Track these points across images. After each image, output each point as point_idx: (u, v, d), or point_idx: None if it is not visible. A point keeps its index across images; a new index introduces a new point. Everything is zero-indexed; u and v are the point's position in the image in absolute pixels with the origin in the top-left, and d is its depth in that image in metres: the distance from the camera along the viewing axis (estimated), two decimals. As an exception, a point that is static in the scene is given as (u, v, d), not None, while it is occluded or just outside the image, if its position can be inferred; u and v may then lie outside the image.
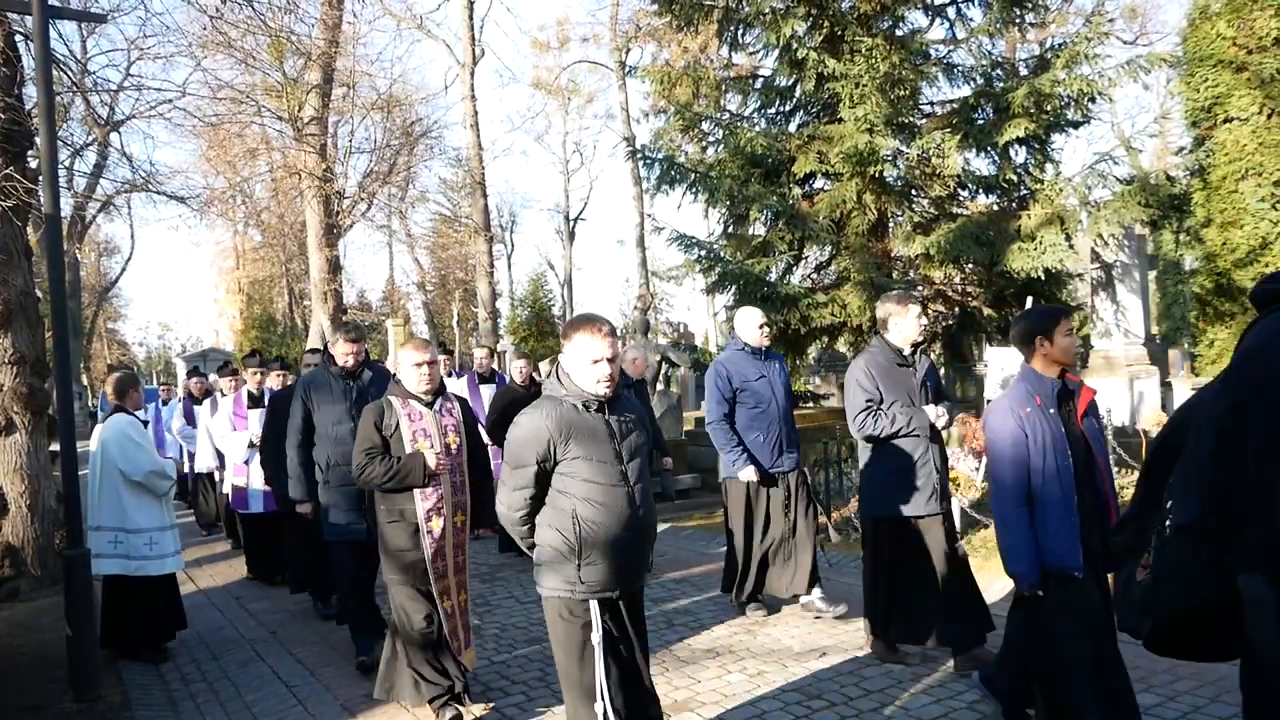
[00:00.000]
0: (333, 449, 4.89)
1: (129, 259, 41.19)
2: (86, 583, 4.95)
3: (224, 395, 8.51)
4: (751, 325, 5.30)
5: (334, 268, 17.11)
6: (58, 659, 4.96)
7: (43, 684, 4.93)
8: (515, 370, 7.45)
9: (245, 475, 7.34)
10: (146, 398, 15.08)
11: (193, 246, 51.86)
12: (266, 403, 7.06)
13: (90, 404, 29.97)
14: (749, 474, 5.10)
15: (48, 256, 5.21)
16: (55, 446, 7.42)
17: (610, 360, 2.96)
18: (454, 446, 4.15)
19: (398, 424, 4.06)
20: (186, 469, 10.77)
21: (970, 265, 9.48)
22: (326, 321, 16.69)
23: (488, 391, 8.42)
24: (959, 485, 7.14)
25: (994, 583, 5.42)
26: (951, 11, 10.24)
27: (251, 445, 7.23)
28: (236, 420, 7.57)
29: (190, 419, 10.19)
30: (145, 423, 6.18)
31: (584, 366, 2.96)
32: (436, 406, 4.16)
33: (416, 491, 4.01)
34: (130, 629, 5.51)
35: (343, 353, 5.02)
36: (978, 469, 7.80)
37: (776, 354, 5.49)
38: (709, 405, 5.29)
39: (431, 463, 4.00)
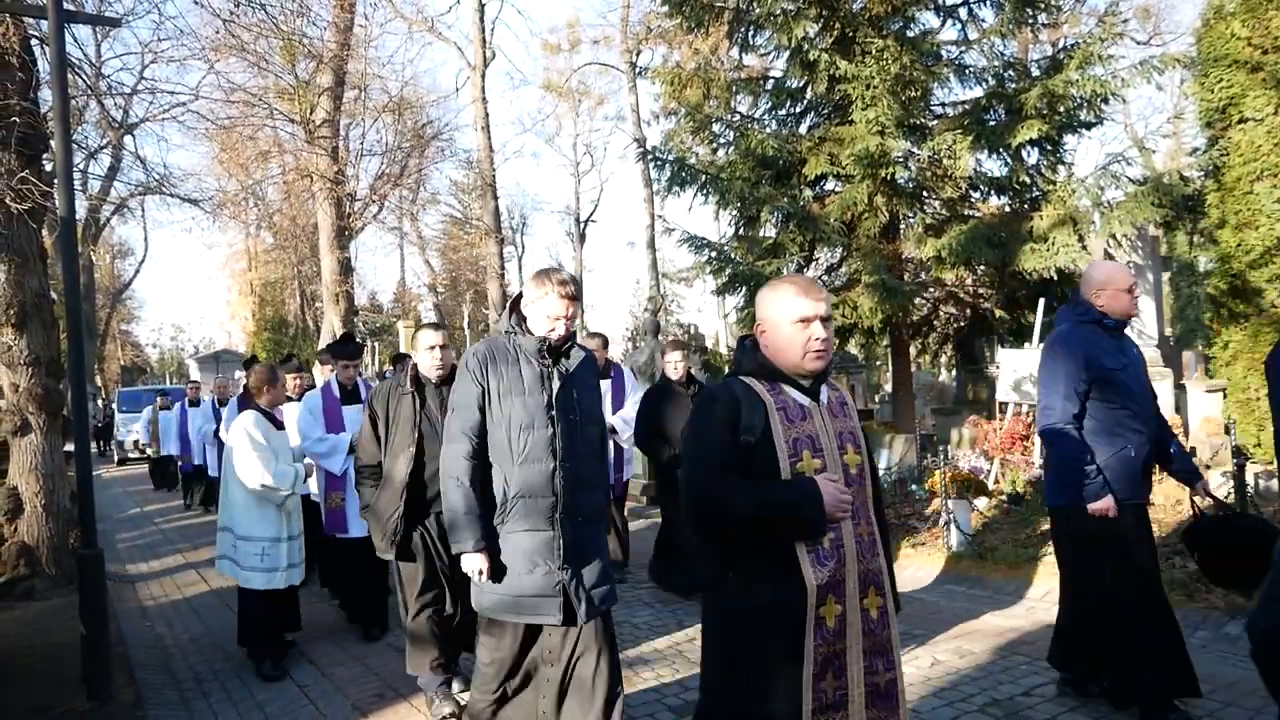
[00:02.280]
0: (519, 469, 3.14)
1: (142, 261, 41.48)
2: (100, 582, 4.99)
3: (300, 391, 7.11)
4: (1117, 283, 3.75)
5: (345, 269, 17.19)
6: (72, 658, 4.99)
7: (57, 683, 4.96)
8: (670, 366, 6.08)
9: (343, 489, 5.77)
10: (173, 397, 15.20)
11: (205, 249, 52.01)
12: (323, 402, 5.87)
13: (103, 404, 30.14)
14: (1106, 504, 3.56)
15: (62, 258, 5.26)
16: (70, 447, 7.48)
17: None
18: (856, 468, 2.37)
19: (766, 424, 2.27)
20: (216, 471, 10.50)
21: (982, 267, 9.44)
22: (338, 323, 16.77)
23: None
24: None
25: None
26: (963, 12, 10.21)
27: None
28: (328, 420, 5.86)
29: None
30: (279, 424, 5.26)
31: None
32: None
33: (803, 549, 2.22)
34: (252, 632, 5.28)
35: (551, 313, 3.15)
36: (988, 471, 7.77)
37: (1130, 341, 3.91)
38: (1052, 400, 3.68)
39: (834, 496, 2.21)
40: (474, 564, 3.17)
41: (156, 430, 15.46)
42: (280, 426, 5.32)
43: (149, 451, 17.19)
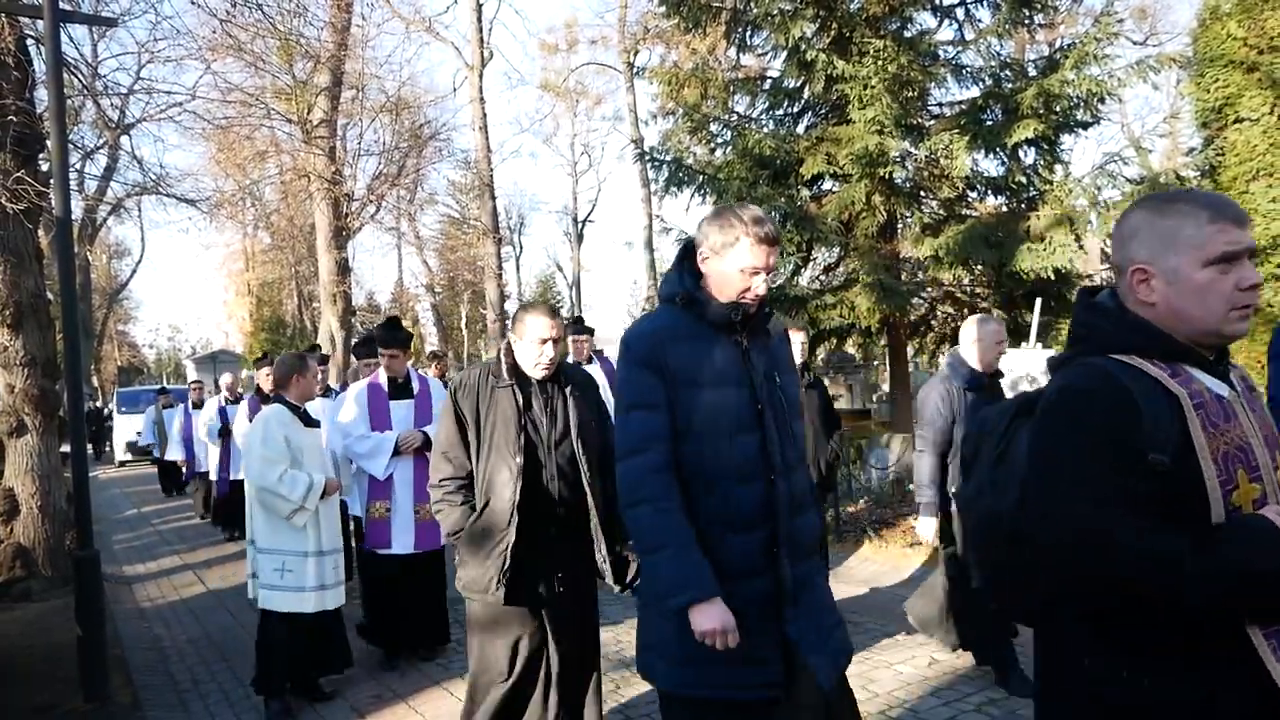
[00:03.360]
0: (713, 492, 2.33)
1: (139, 261, 41.36)
2: (96, 584, 4.97)
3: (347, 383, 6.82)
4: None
5: (343, 270, 17.17)
6: (69, 659, 4.98)
7: (53, 684, 4.95)
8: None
9: (388, 496, 5.01)
10: (176, 397, 14.80)
11: (202, 249, 51.99)
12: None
13: (93, 405, 30.05)
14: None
15: (58, 259, 5.24)
16: (66, 448, 7.46)
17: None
18: None
19: (1183, 433, 1.79)
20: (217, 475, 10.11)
21: (979, 266, 9.44)
22: (335, 323, 16.75)
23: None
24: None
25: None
26: (960, 12, 10.21)
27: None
28: (373, 416, 5.10)
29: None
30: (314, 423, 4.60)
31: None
32: None
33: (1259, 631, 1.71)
34: (268, 670, 4.45)
35: (746, 265, 2.33)
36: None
37: None
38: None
39: None
40: (710, 621, 2.12)
41: (162, 430, 14.55)
42: (311, 424, 4.59)
43: (155, 453, 15.96)
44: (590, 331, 7.86)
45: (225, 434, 9.63)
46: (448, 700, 4.48)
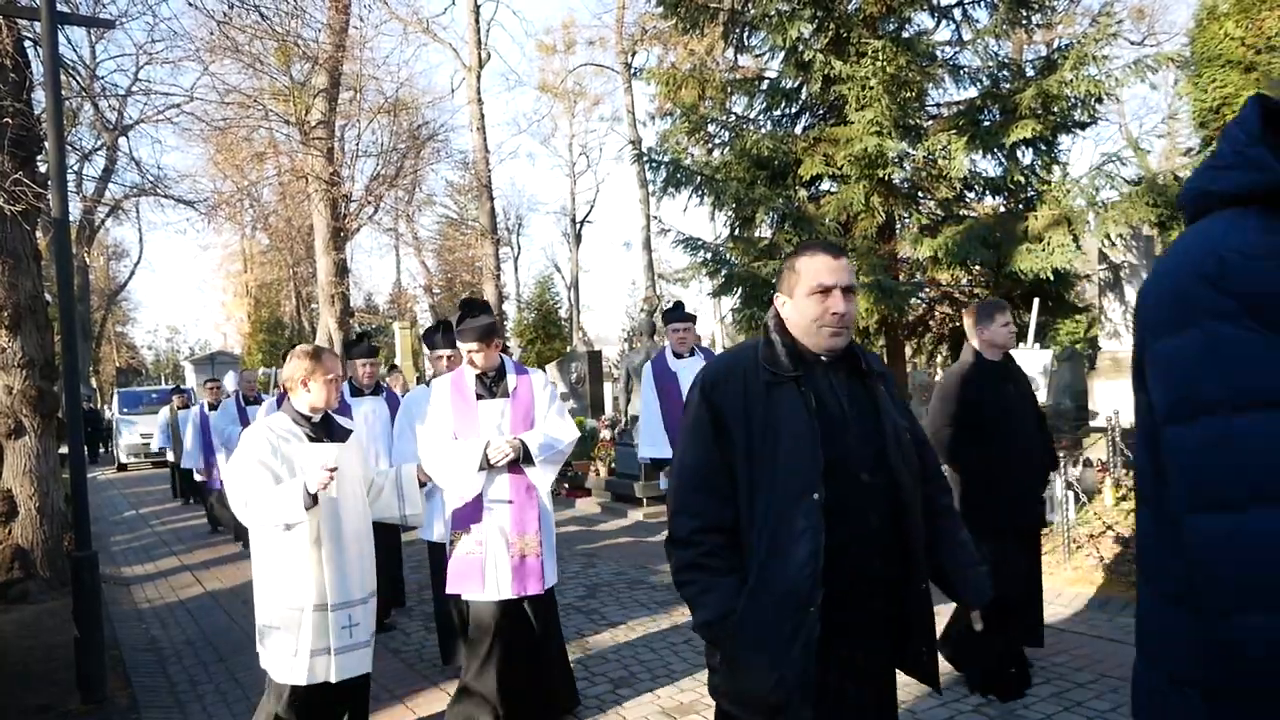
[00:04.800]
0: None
1: (137, 263, 41.29)
2: (94, 585, 4.97)
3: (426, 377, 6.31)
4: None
5: (341, 271, 17.15)
6: (66, 661, 4.97)
7: (51, 685, 4.94)
8: (1000, 329, 4.61)
9: (469, 525, 3.93)
10: (187, 396, 14.33)
11: (200, 250, 51.94)
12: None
13: (89, 406, 30.03)
14: None
15: (56, 260, 5.24)
16: (64, 449, 7.45)
17: None
18: None
19: None
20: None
21: (977, 267, 9.44)
22: (333, 324, 16.73)
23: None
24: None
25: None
26: (958, 13, 10.21)
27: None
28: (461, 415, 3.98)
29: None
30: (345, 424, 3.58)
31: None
32: None
33: None
34: None
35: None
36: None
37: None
38: None
39: None
40: None
41: (176, 433, 13.12)
42: (334, 434, 3.54)
43: (168, 457, 14.61)
44: (692, 319, 6.83)
45: None
46: (444, 701, 4.47)
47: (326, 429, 3.53)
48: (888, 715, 2.26)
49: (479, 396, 3.99)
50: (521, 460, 3.88)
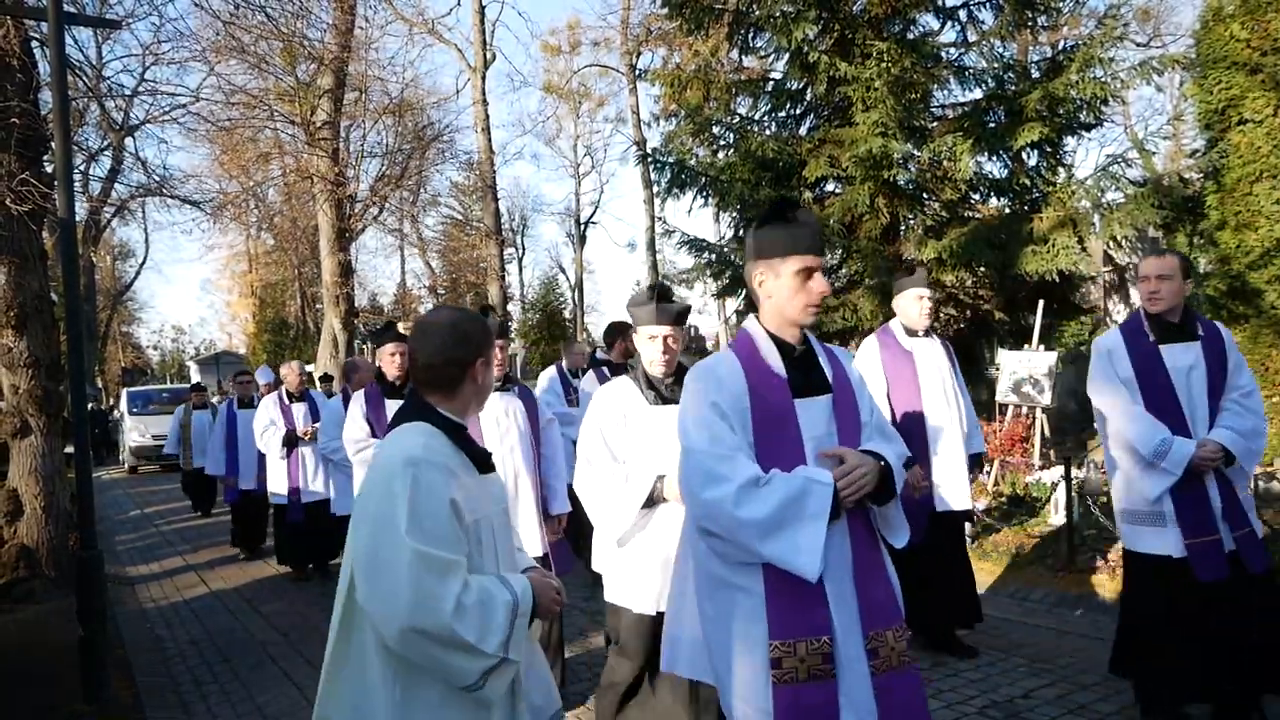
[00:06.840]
0: None
1: (143, 263, 41.27)
2: (99, 584, 4.98)
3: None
4: None
5: (346, 271, 17.19)
6: (71, 660, 4.98)
7: (56, 685, 4.96)
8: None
9: None
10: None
11: (206, 250, 52.08)
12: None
13: (93, 408, 30.07)
14: None
15: (63, 260, 5.26)
16: (70, 449, 7.48)
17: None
18: None
19: None
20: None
21: (982, 269, 9.43)
22: (338, 325, 16.77)
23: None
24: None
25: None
26: (963, 14, 10.19)
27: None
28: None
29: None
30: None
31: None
32: None
33: None
34: None
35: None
36: (988, 473, 7.77)
37: None
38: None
39: None
40: None
41: (188, 436, 12.42)
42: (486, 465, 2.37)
43: (180, 463, 13.13)
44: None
45: (290, 443, 7.93)
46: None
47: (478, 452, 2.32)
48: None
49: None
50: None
